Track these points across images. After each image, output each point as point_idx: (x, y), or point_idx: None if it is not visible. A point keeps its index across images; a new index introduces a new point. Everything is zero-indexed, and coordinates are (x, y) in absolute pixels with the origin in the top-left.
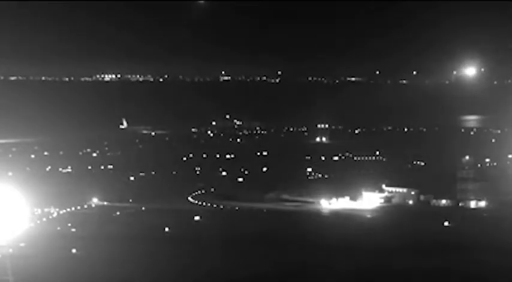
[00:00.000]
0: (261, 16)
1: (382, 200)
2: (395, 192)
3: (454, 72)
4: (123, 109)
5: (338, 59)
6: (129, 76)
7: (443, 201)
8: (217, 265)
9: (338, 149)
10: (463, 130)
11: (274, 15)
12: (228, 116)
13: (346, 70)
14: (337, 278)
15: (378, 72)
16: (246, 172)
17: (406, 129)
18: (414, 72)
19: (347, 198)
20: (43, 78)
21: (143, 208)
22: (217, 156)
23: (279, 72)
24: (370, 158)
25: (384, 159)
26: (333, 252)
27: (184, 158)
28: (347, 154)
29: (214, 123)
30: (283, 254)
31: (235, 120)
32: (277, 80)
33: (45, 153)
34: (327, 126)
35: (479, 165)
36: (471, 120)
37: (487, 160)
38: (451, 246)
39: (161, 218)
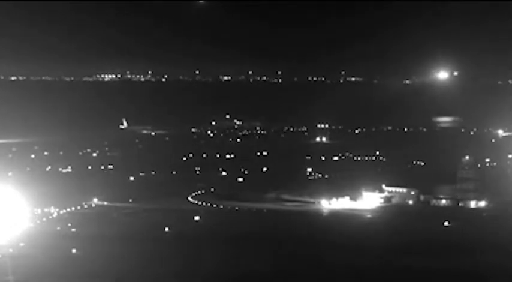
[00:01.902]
0: (261, 16)
1: (382, 200)
2: (395, 192)
3: (455, 73)
4: (123, 109)
5: (338, 59)
6: (129, 76)
7: (443, 201)
8: (217, 265)
9: (338, 149)
10: (463, 130)
11: (274, 15)
12: (228, 116)
13: (345, 70)
14: (337, 277)
15: (377, 73)
16: (246, 172)
17: (406, 129)
18: (414, 73)
19: (347, 198)
20: (43, 78)
21: (143, 208)
22: (217, 156)
23: (279, 72)
24: (370, 158)
25: (384, 159)
26: (333, 252)
27: (184, 158)
28: (347, 154)
29: (214, 123)
30: (283, 254)
31: (235, 120)
32: (277, 80)
33: (45, 153)
34: (327, 126)
35: (479, 165)
36: (471, 120)
37: (487, 160)
38: (451, 246)
39: (161, 218)
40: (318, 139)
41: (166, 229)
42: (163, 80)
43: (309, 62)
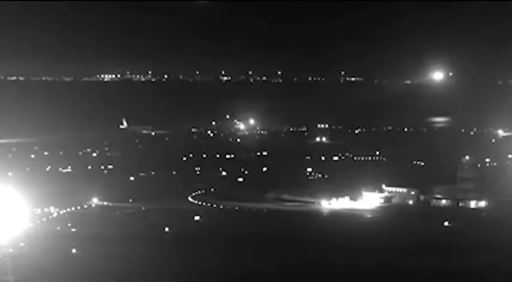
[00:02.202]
0: (262, 16)
1: (382, 200)
2: (395, 192)
3: (455, 73)
4: (123, 109)
5: (338, 59)
6: (129, 76)
7: (443, 201)
8: (217, 265)
9: (338, 149)
10: (463, 130)
11: (275, 15)
12: (228, 116)
13: (345, 70)
14: (337, 277)
15: (377, 73)
16: (246, 172)
17: (406, 129)
18: (414, 73)
19: (347, 198)
20: (43, 78)
21: (143, 208)
22: (217, 156)
23: (279, 72)
24: (370, 158)
25: (384, 159)
26: (332, 252)
27: (184, 158)
28: (347, 154)
29: (214, 123)
30: (283, 254)
31: (235, 120)
32: (278, 80)
33: (45, 153)
34: (327, 126)
35: (479, 165)
36: (471, 120)
37: (487, 160)
38: (451, 246)
39: (161, 218)
40: (318, 139)
41: (166, 229)
42: (164, 80)
43: (309, 62)
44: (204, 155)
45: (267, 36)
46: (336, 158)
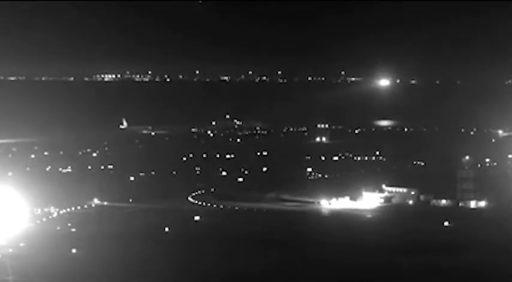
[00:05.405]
0: (262, 16)
1: (382, 200)
2: (395, 192)
3: (455, 73)
4: (123, 109)
5: (337, 59)
6: (129, 76)
7: (443, 201)
8: (217, 265)
9: (338, 149)
10: (463, 130)
11: (274, 15)
12: (228, 116)
13: (345, 70)
14: (337, 277)
15: (378, 73)
16: (246, 172)
17: (406, 129)
18: (416, 73)
19: (347, 198)
20: (43, 78)
21: (143, 208)
22: (217, 156)
23: (279, 72)
24: (370, 158)
25: (384, 159)
26: (332, 252)
27: (184, 158)
28: (347, 154)
29: (214, 123)
30: (283, 254)
31: (235, 120)
32: (277, 80)
33: (45, 153)
34: (327, 126)
35: (479, 165)
36: (471, 120)
37: (487, 160)
38: (451, 246)
39: (161, 218)
40: (318, 139)
41: (166, 229)
42: (164, 80)
43: (308, 62)
44: (204, 155)
45: (267, 36)
46: (336, 158)
